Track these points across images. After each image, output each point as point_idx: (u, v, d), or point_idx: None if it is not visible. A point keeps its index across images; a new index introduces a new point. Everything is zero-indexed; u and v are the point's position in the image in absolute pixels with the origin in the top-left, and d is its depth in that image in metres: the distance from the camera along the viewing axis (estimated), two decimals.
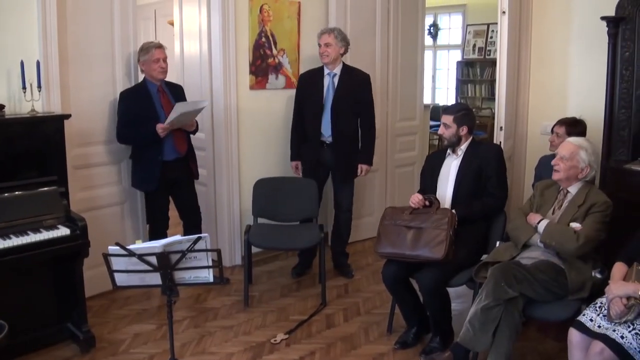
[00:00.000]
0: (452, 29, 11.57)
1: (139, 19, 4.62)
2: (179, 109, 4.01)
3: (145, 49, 4.20)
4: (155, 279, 2.80)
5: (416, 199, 3.71)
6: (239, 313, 4.22)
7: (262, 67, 5.02)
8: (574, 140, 3.38)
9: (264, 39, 4.99)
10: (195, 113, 4.25)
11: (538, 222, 3.33)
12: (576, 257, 3.17)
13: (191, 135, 4.44)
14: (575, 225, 3.22)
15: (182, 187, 4.46)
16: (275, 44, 5.07)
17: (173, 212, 4.53)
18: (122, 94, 4.25)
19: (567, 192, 3.38)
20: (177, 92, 4.40)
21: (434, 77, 11.82)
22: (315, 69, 4.86)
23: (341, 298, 4.53)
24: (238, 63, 4.86)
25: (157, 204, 4.36)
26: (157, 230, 4.32)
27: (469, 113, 3.90)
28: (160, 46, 4.24)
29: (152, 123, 4.10)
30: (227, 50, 4.76)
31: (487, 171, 3.71)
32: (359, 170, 4.85)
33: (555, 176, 3.35)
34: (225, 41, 4.73)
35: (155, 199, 4.34)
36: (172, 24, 5.66)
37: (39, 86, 3.67)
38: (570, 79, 4.97)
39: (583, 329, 2.80)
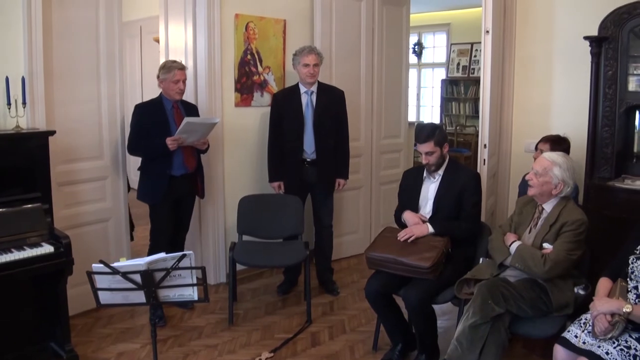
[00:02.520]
0: (436, 47, 11.68)
1: (124, 35, 4.62)
2: (188, 122, 4.02)
3: (168, 67, 4.21)
4: (140, 297, 2.78)
5: (416, 219, 3.73)
6: (224, 331, 4.19)
7: (247, 84, 5.03)
8: (548, 155, 3.36)
9: (249, 57, 5.01)
10: (207, 129, 4.26)
11: (511, 244, 3.34)
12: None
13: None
14: (546, 246, 3.22)
15: (185, 204, 4.47)
16: (260, 61, 5.09)
17: None
18: (136, 106, 4.28)
19: (543, 209, 3.37)
20: (191, 111, 4.41)
21: (418, 95, 11.91)
22: (289, 87, 4.90)
23: (327, 316, 4.51)
24: (223, 80, 4.86)
25: (161, 220, 4.33)
26: (157, 245, 4.24)
27: (442, 130, 3.88)
28: (182, 68, 4.25)
29: (163, 137, 4.10)
30: (212, 68, 4.76)
31: (464, 197, 3.71)
32: (336, 185, 4.88)
33: (530, 192, 3.36)
34: (210, 58, 4.74)
35: (160, 215, 4.32)
36: (157, 40, 5.67)
37: (24, 102, 3.65)
38: (553, 97, 5.04)
39: (568, 345, 2.81)
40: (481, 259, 3.62)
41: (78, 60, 4.15)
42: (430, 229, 3.64)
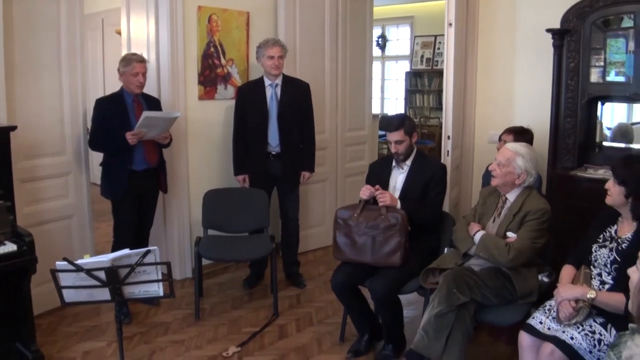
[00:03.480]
0: (400, 40, 11.73)
1: (86, 28, 4.53)
2: (147, 116, 3.97)
3: (127, 60, 4.15)
4: (104, 294, 2.74)
5: (367, 192, 3.69)
6: (190, 327, 4.16)
7: (210, 77, 4.99)
8: (511, 146, 3.41)
9: (212, 49, 4.96)
10: (168, 124, 4.21)
11: (475, 234, 3.38)
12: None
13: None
14: (510, 235, 3.26)
15: (147, 199, 4.41)
16: (224, 54, 5.05)
17: None
18: (97, 101, 4.22)
19: (506, 199, 3.41)
20: (153, 105, 4.36)
21: (382, 87, 11.95)
22: (254, 80, 4.88)
23: (293, 308, 4.52)
24: (187, 73, 4.81)
25: (124, 216, 4.27)
26: (121, 241, 4.16)
27: (411, 119, 3.94)
28: (142, 60, 4.18)
29: (124, 132, 4.04)
30: (175, 60, 4.71)
31: (430, 187, 3.75)
32: (301, 177, 4.88)
33: (493, 182, 3.39)
34: (173, 51, 4.69)
35: (122, 211, 4.26)
36: (119, 33, 5.58)
37: None
38: (516, 89, 5.11)
39: (533, 331, 2.86)
40: (446, 249, 3.66)
41: (39, 54, 4.06)
42: (399, 205, 3.66)
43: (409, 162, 3.82)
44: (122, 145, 4.05)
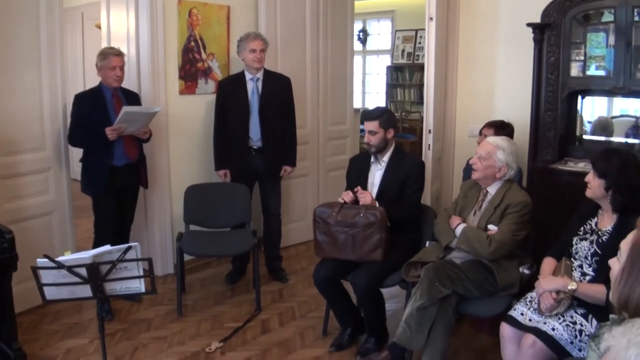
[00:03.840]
0: (381, 34, 11.72)
1: (65, 22, 4.48)
2: (126, 111, 3.94)
3: (104, 54, 4.12)
4: (86, 291, 2.72)
5: (347, 197, 3.72)
6: (173, 323, 4.14)
7: (191, 71, 4.96)
8: (491, 140, 3.44)
9: (193, 43, 4.93)
10: (147, 119, 4.18)
11: (456, 226, 3.40)
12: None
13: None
14: (492, 228, 3.29)
15: (128, 195, 4.39)
16: (204, 48, 5.01)
17: None
18: (76, 96, 4.17)
19: (487, 192, 3.44)
20: (132, 99, 4.32)
21: (363, 81, 11.94)
22: (235, 74, 4.86)
23: (276, 303, 4.51)
24: (167, 67, 4.78)
25: (104, 211, 4.23)
26: (102, 237, 4.13)
27: (392, 115, 3.95)
28: (119, 54, 4.15)
29: (103, 127, 4.00)
30: (155, 55, 4.67)
31: (407, 184, 3.76)
32: (282, 171, 4.87)
33: (474, 175, 3.42)
34: (153, 45, 4.64)
35: (103, 206, 4.23)
36: (99, 27, 5.52)
37: None
38: (496, 83, 5.14)
39: (514, 323, 2.88)
40: (427, 242, 3.67)
41: (18, 49, 4.00)
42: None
43: (386, 159, 3.83)
44: (101, 141, 4.01)
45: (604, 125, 4.62)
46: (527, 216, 3.28)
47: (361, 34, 11.56)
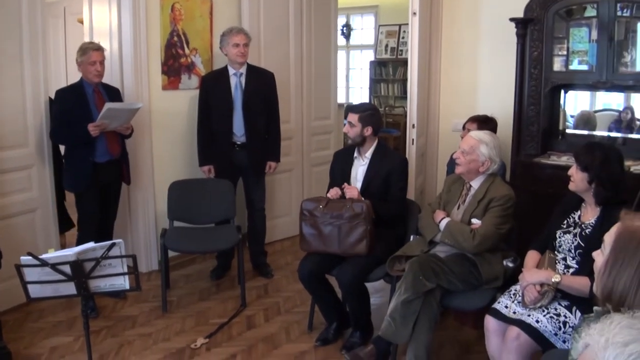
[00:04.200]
0: (364, 29, 11.72)
1: (47, 17, 4.42)
2: (109, 107, 3.91)
3: (83, 49, 4.07)
4: (70, 288, 2.70)
5: (334, 192, 3.74)
6: (158, 319, 4.13)
7: (174, 66, 4.93)
8: (474, 134, 3.45)
9: (175, 38, 4.89)
10: (130, 115, 4.15)
11: (440, 221, 3.41)
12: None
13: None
14: (475, 222, 3.31)
15: (111, 191, 4.36)
16: (187, 43, 4.98)
17: None
18: (57, 92, 4.14)
19: (470, 186, 3.45)
20: (113, 95, 4.29)
21: (347, 76, 11.94)
22: (218, 69, 4.84)
23: (261, 298, 4.51)
24: (150, 63, 4.74)
25: (87, 208, 4.20)
26: (86, 234, 4.10)
27: (375, 114, 3.93)
28: (98, 48, 4.11)
29: (85, 123, 3.96)
30: (138, 50, 4.63)
31: (391, 181, 3.77)
32: (267, 167, 4.86)
33: (458, 170, 3.44)
34: (136, 40, 4.60)
35: (86, 201, 4.19)
36: (81, 22, 5.46)
37: None
38: (480, 77, 5.16)
39: (499, 315, 2.90)
40: (412, 237, 3.69)
41: (0, 44, 3.95)
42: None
43: (369, 155, 3.84)
44: (84, 137, 3.98)
45: (586, 120, 4.66)
46: (510, 210, 3.30)
47: (345, 28, 11.55)
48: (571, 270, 2.87)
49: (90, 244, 2.70)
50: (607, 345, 1.13)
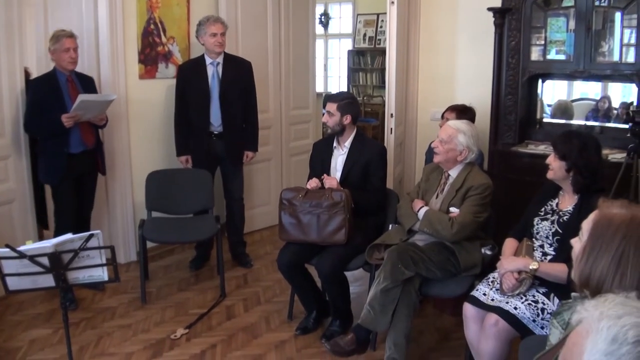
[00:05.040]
0: (342, 18, 11.70)
1: (23, 4, 4.32)
2: (82, 99, 3.86)
3: (56, 37, 3.99)
4: (49, 280, 2.67)
5: (313, 183, 3.75)
6: (137, 310, 4.10)
7: (151, 55, 4.87)
8: (452, 123, 3.47)
9: (152, 26, 4.84)
10: (104, 106, 4.11)
11: (418, 210, 3.43)
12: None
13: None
14: (453, 210, 3.33)
15: (86, 182, 4.30)
16: (164, 31, 4.93)
17: None
18: (30, 82, 4.07)
19: (449, 175, 3.47)
20: (87, 84, 4.22)
21: (325, 65, 11.92)
22: (194, 59, 4.81)
23: (241, 288, 4.50)
24: (126, 51, 4.68)
25: (63, 199, 4.14)
26: (63, 228, 4.04)
27: (354, 102, 3.94)
28: (71, 35, 4.03)
29: (58, 113, 3.90)
30: (114, 38, 4.56)
31: (370, 170, 3.79)
32: (244, 157, 4.85)
33: (436, 159, 3.45)
34: (112, 28, 4.53)
35: (62, 194, 4.14)
36: None
37: None
38: (457, 67, 5.18)
39: (477, 303, 2.93)
40: (390, 226, 3.71)
41: None
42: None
43: (348, 144, 3.85)
44: (57, 128, 3.92)
45: (563, 109, 4.70)
46: (488, 198, 3.33)
47: (323, 17, 11.52)
48: (548, 257, 2.90)
49: (68, 235, 2.67)
50: (602, 317, 1.17)
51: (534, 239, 3.00)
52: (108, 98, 4.13)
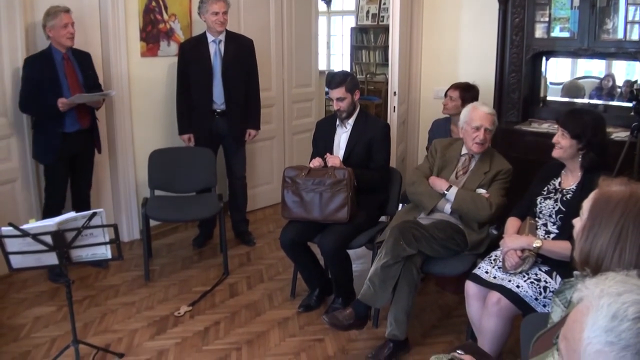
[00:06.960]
0: None
1: None
2: (80, 98, 3.88)
3: (53, 13, 3.92)
4: (52, 258, 2.70)
5: (316, 162, 3.74)
6: (141, 288, 4.13)
7: (153, 33, 4.84)
8: (486, 109, 3.41)
9: (154, 4, 4.80)
10: (102, 97, 4.13)
11: (447, 189, 3.39)
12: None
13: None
14: (481, 191, 3.34)
15: (82, 160, 4.29)
16: (166, 8, 4.89)
17: None
18: (26, 60, 4.00)
19: (472, 156, 3.47)
20: (84, 60, 4.18)
21: (328, 43, 11.85)
22: (196, 36, 4.77)
23: (244, 266, 4.52)
24: (128, 29, 4.65)
25: (55, 177, 4.14)
26: (52, 206, 4.09)
27: (354, 77, 3.94)
28: (67, 10, 3.97)
29: (54, 94, 3.88)
30: (115, 16, 4.53)
31: (374, 148, 3.78)
32: (247, 135, 4.84)
33: (481, 149, 3.38)
34: (114, 6, 4.50)
35: (54, 173, 4.14)
36: None
37: None
38: (461, 45, 5.15)
39: (479, 280, 2.94)
40: (400, 206, 3.71)
41: None
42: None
43: (351, 121, 3.84)
44: (52, 110, 3.90)
45: (574, 90, 4.67)
46: (509, 184, 3.39)
47: None
48: (552, 235, 2.90)
49: (72, 214, 2.69)
50: (602, 295, 1.17)
51: (537, 218, 3.00)
52: (107, 95, 4.15)
